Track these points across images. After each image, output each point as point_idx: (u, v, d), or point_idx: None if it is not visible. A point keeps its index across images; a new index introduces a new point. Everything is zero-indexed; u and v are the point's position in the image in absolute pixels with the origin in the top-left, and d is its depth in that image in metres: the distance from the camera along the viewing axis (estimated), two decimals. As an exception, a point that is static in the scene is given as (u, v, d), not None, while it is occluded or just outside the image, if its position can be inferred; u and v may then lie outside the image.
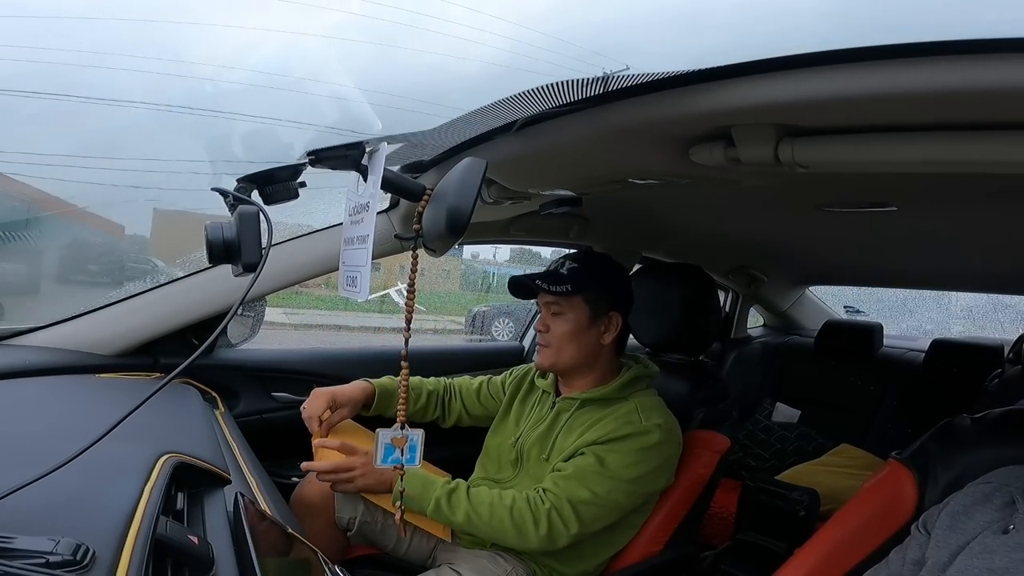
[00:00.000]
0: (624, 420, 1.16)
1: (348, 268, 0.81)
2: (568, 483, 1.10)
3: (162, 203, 3.38)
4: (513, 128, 0.92)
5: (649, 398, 1.24)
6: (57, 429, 0.75)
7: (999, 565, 0.66)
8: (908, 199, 1.13)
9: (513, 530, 1.08)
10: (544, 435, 1.24)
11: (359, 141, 0.80)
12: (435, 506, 1.08)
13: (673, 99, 0.70)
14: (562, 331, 1.21)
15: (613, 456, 1.12)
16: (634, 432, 1.14)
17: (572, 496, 1.09)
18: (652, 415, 1.18)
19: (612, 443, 1.14)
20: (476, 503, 1.09)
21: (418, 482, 1.09)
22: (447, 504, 1.08)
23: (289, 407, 1.53)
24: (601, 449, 1.13)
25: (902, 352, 2.42)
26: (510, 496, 1.10)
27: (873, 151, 0.67)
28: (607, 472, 1.11)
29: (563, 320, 1.21)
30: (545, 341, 1.22)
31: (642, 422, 1.16)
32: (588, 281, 1.22)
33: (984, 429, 0.92)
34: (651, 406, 1.21)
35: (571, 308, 1.21)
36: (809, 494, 1.59)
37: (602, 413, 1.20)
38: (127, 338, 1.24)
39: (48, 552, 0.40)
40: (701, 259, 1.88)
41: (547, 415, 1.26)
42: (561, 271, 1.23)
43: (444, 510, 1.08)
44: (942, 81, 0.53)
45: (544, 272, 1.26)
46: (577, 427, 1.20)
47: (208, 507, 0.67)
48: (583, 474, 1.11)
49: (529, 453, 1.24)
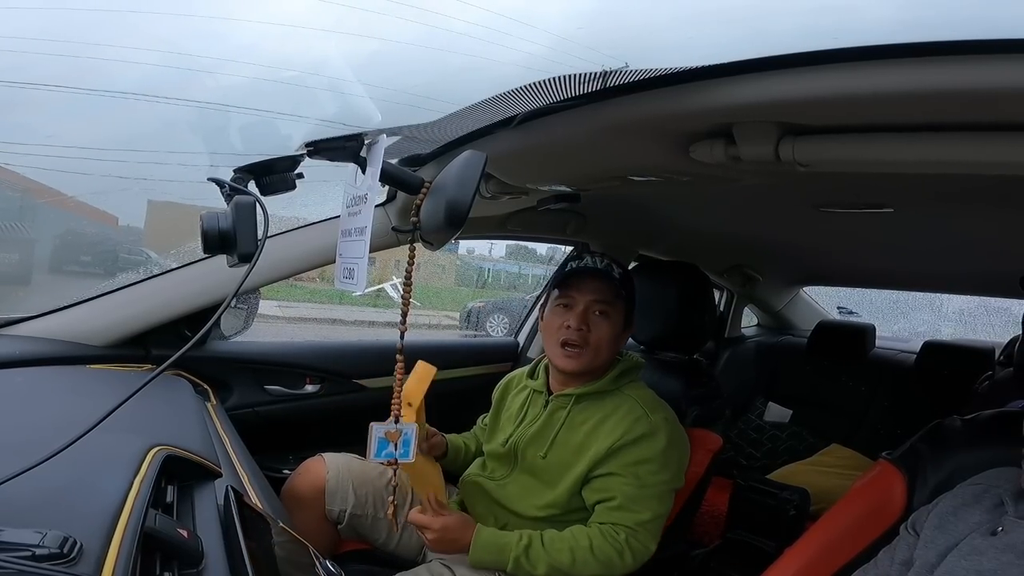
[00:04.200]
0: (632, 419, 1.17)
1: (345, 260, 0.81)
2: (624, 513, 1.13)
3: (156, 194, 3.34)
4: (513, 123, 0.92)
5: (643, 390, 1.25)
6: (46, 420, 0.74)
7: (987, 567, 0.66)
8: (904, 201, 1.13)
9: (600, 567, 1.11)
10: (540, 433, 1.23)
11: (358, 133, 0.79)
12: (515, 565, 1.09)
13: (675, 96, 0.70)
14: (606, 334, 1.20)
15: (644, 469, 1.15)
16: (647, 432, 1.16)
17: (638, 520, 1.13)
18: (655, 408, 1.20)
19: (631, 448, 1.15)
20: (555, 552, 1.10)
21: (492, 548, 1.09)
22: (527, 560, 1.09)
23: (282, 400, 1.53)
24: (628, 466, 1.15)
25: (894, 353, 2.44)
26: (584, 536, 1.12)
27: (875, 151, 0.67)
28: (649, 487, 1.14)
29: (609, 323, 1.20)
30: (581, 341, 1.18)
31: (649, 417, 1.18)
32: (631, 288, 1.24)
33: (974, 430, 0.93)
34: (650, 399, 1.23)
35: (616, 312, 1.21)
36: (799, 493, 1.60)
37: (602, 409, 1.20)
38: (119, 329, 1.23)
39: (35, 545, 0.39)
40: (697, 258, 1.88)
41: (541, 413, 1.26)
42: (613, 274, 1.22)
43: (525, 566, 1.09)
44: (946, 81, 0.53)
45: (597, 269, 1.23)
46: (579, 424, 1.20)
47: (198, 500, 0.67)
48: (633, 498, 1.14)
49: (524, 452, 1.23)
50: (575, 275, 1.22)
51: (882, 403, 2.25)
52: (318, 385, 1.59)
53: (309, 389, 1.58)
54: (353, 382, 1.63)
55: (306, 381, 1.59)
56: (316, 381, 1.59)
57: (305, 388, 1.58)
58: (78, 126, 0.75)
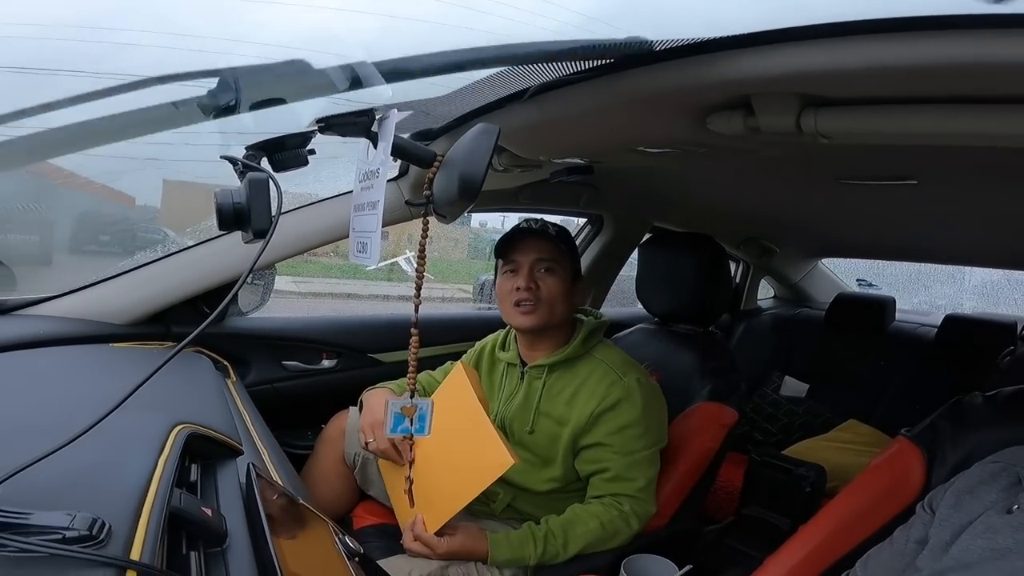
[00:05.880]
0: (607, 384, 1.20)
1: (358, 234, 0.81)
2: (621, 483, 1.18)
3: (171, 173, 3.37)
4: (525, 96, 0.90)
5: (612, 352, 1.28)
6: (72, 400, 0.76)
7: (1002, 545, 0.65)
8: (929, 173, 1.10)
9: (612, 539, 1.17)
10: (523, 407, 1.26)
11: (369, 108, 0.78)
12: (538, 561, 1.13)
13: (691, 67, 0.67)
14: (556, 288, 1.22)
15: (628, 435, 1.18)
16: (623, 396, 1.19)
17: (636, 488, 1.18)
18: (626, 370, 1.23)
19: (610, 414, 1.18)
20: (569, 539, 1.14)
21: (507, 549, 1.12)
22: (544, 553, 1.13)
23: (299, 376, 1.55)
24: (612, 434, 1.18)
25: (914, 327, 2.38)
26: (592, 516, 1.16)
27: (901, 123, 0.64)
28: (636, 452, 1.19)
29: (557, 278, 1.22)
30: (533, 299, 1.21)
31: (622, 379, 1.21)
32: (570, 243, 1.27)
33: (996, 408, 0.91)
34: (619, 361, 1.25)
35: (561, 268, 1.23)
36: (816, 470, 1.59)
37: (576, 376, 1.23)
38: (140, 307, 1.25)
39: (65, 528, 0.40)
40: (713, 229, 1.85)
41: (519, 386, 1.28)
42: (549, 230, 1.24)
43: (548, 559, 1.13)
44: (975, 53, 0.50)
45: (532, 229, 1.25)
46: (556, 394, 1.23)
47: (221, 478, 0.68)
48: (625, 467, 1.18)
49: (512, 428, 1.26)
50: (513, 239, 1.25)
51: (901, 378, 2.22)
52: (334, 360, 1.62)
53: (326, 364, 1.61)
54: (369, 356, 1.65)
55: (322, 356, 1.61)
56: (332, 356, 1.62)
57: (322, 363, 1.61)
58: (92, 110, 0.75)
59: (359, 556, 0.68)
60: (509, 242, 1.25)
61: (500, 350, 1.36)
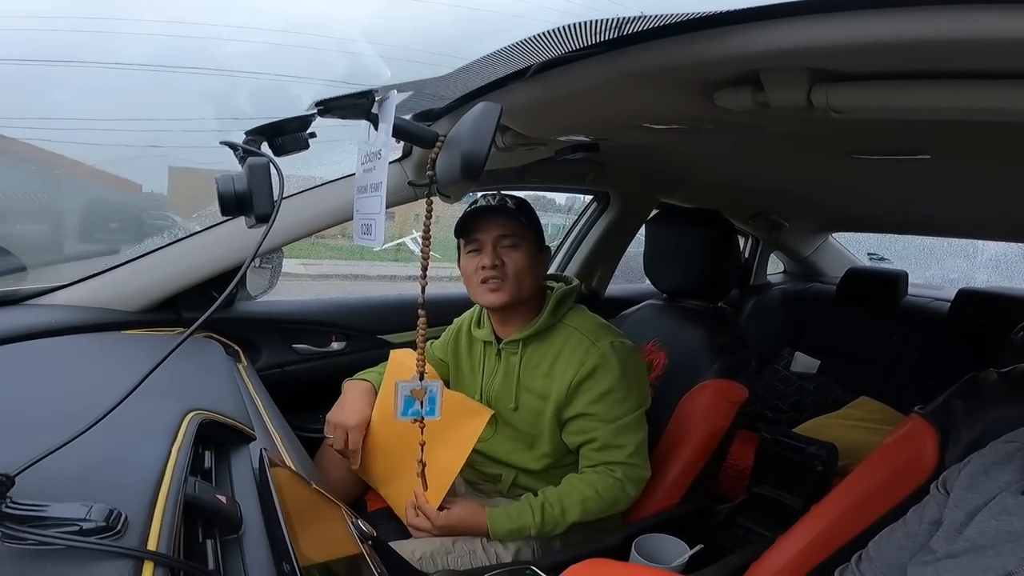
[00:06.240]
0: (582, 351, 1.20)
1: (362, 216, 0.80)
2: (610, 451, 1.19)
3: (176, 160, 3.38)
4: (527, 74, 0.88)
5: (584, 319, 1.26)
6: (86, 388, 0.77)
7: (1017, 527, 0.64)
8: (943, 147, 1.07)
9: (609, 506, 1.18)
10: (504, 384, 1.26)
11: (368, 90, 0.77)
12: (538, 531, 1.14)
13: (698, 42, 0.65)
14: (522, 262, 1.20)
15: (610, 400, 1.18)
16: (599, 363, 1.18)
17: (627, 453, 1.18)
18: (599, 336, 1.22)
19: (588, 382, 1.18)
20: (567, 508, 1.15)
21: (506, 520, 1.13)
22: (543, 523, 1.14)
23: (309, 359, 1.56)
24: (594, 403, 1.18)
25: (927, 302, 2.35)
26: (587, 485, 1.17)
27: (913, 98, 0.62)
28: (620, 418, 1.19)
29: (521, 252, 1.21)
30: (499, 275, 1.20)
31: (596, 345, 1.20)
32: (531, 215, 1.24)
33: (1010, 385, 0.89)
34: (592, 327, 1.24)
35: (525, 240, 1.21)
36: (827, 448, 1.58)
37: (552, 348, 1.23)
38: (150, 293, 1.26)
39: (82, 519, 0.40)
40: (721, 204, 1.83)
41: (497, 364, 1.28)
42: (508, 205, 1.22)
43: (548, 529, 1.14)
44: (990, 28, 0.48)
45: (491, 206, 1.22)
46: (534, 367, 1.23)
47: (234, 465, 0.69)
48: (612, 434, 1.18)
49: (496, 407, 1.26)
50: (473, 217, 1.22)
51: (914, 354, 2.20)
52: (343, 342, 1.63)
53: (335, 347, 1.62)
54: (377, 338, 1.66)
55: (332, 339, 1.62)
56: (341, 338, 1.63)
57: (331, 346, 1.62)
58: (94, 99, 0.74)
59: (372, 539, 0.69)
60: (469, 220, 1.22)
61: (475, 327, 1.35)
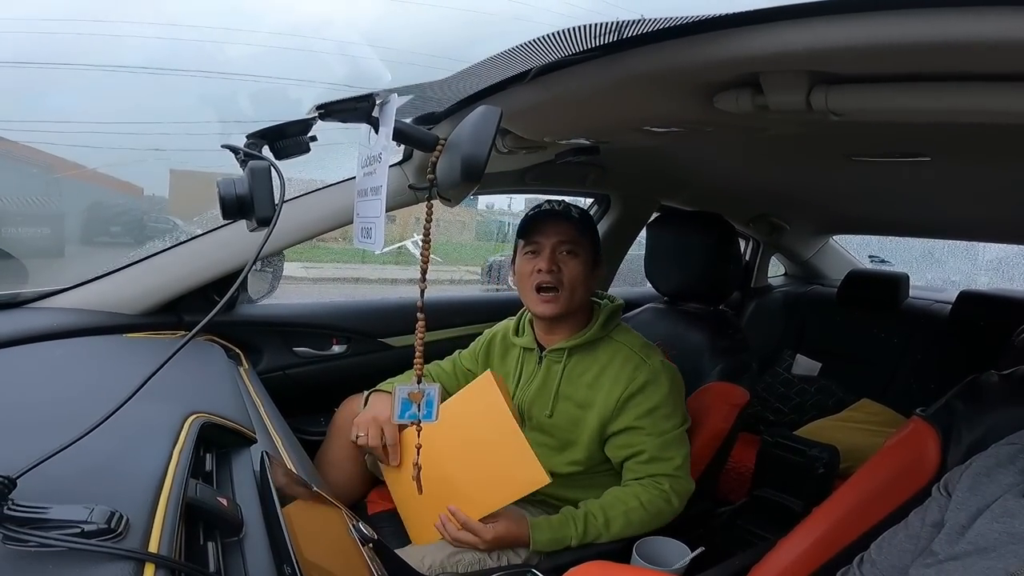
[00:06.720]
0: (632, 367, 1.20)
1: (362, 219, 0.81)
2: (658, 464, 1.18)
3: (178, 163, 3.39)
4: (527, 77, 0.89)
5: (631, 335, 1.27)
6: (87, 391, 0.77)
7: (1019, 529, 0.64)
8: (943, 149, 1.07)
9: (653, 519, 1.16)
10: (540, 390, 1.25)
11: (369, 93, 0.77)
12: (579, 541, 1.12)
13: (698, 45, 0.66)
14: (578, 272, 1.21)
15: (658, 415, 1.19)
16: (650, 378, 1.19)
17: (675, 466, 1.18)
18: (649, 353, 1.24)
19: (638, 397, 1.18)
20: (610, 519, 1.14)
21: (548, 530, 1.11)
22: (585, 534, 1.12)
23: (310, 362, 1.56)
24: (642, 417, 1.18)
25: (928, 304, 2.35)
26: (631, 496, 1.16)
27: (913, 100, 0.62)
28: (668, 432, 1.19)
29: (578, 262, 1.21)
30: (555, 282, 1.19)
31: (647, 362, 1.21)
32: (592, 226, 1.26)
33: (1012, 387, 0.89)
34: (641, 344, 1.25)
35: (583, 250, 1.22)
36: (829, 451, 1.58)
37: (597, 360, 1.23)
38: (152, 297, 1.26)
39: (83, 521, 0.40)
40: (722, 207, 1.83)
41: (537, 371, 1.27)
42: (572, 214, 1.23)
43: (590, 540, 1.13)
44: (988, 30, 0.48)
45: (555, 211, 1.23)
46: (577, 377, 1.22)
47: (235, 467, 0.69)
48: (660, 447, 1.18)
49: (530, 412, 1.26)
50: (536, 220, 1.23)
51: (915, 356, 2.19)
52: (344, 345, 1.63)
53: (336, 350, 1.62)
54: (378, 341, 1.66)
55: (333, 342, 1.62)
56: (342, 341, 1.63)
57: (332, 349, 1.62)
58: (94, 102, 0.74)
59: (373, 542, 0.69)
60: (532, 223, 1.23)
61: (514, 335, 1.35)
